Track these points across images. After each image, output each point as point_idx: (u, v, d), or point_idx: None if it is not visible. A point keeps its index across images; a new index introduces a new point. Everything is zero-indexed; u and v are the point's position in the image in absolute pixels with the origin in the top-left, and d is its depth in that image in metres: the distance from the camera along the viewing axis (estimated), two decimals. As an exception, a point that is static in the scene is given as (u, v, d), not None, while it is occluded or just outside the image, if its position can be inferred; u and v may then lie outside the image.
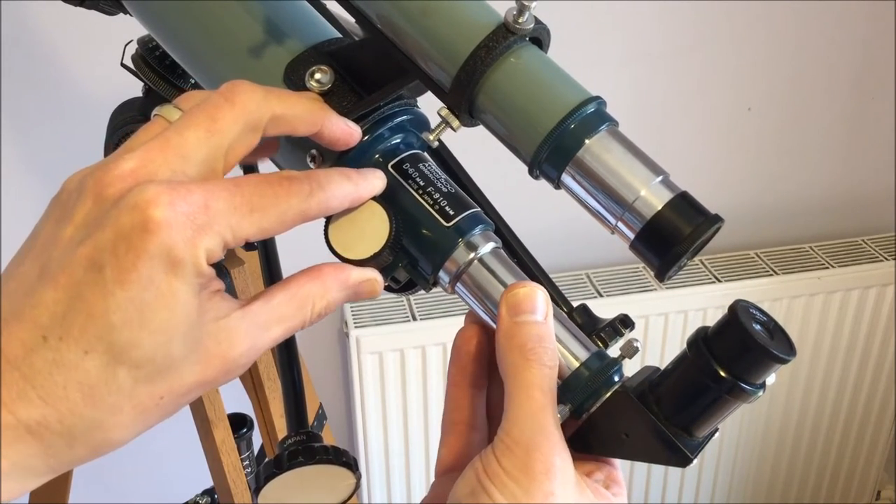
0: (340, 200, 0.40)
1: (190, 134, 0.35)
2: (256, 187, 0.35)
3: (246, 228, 0.35)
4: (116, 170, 0.34)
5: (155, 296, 0.32)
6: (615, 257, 1.43)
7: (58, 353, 0.32)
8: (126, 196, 0.33)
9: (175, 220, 0.32)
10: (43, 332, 0.32)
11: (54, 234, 0.34)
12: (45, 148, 1.15)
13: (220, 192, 0.34)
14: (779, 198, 1.53)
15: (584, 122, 0.41)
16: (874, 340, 1.52)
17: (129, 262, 0.32)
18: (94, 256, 0.32)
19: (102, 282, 0.32)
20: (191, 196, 0.33)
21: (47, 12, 1.07)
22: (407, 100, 0.47)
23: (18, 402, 0.31)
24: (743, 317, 0.38)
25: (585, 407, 0.41)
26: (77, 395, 0.32)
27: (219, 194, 0.34)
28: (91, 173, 0.34)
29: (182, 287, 0.33)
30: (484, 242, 0.44)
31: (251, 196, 0.35)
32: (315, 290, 0.38)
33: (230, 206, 0.34)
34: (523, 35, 0.42)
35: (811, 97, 1.45)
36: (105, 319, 0.32)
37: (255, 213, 0.35)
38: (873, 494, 1.72)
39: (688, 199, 0.40)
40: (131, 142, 0.36)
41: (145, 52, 0.69)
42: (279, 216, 0.36)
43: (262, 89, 0.38)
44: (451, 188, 0.45)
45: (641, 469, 1.55)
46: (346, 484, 0.53)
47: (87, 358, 0.32)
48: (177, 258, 0.32)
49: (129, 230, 0.32)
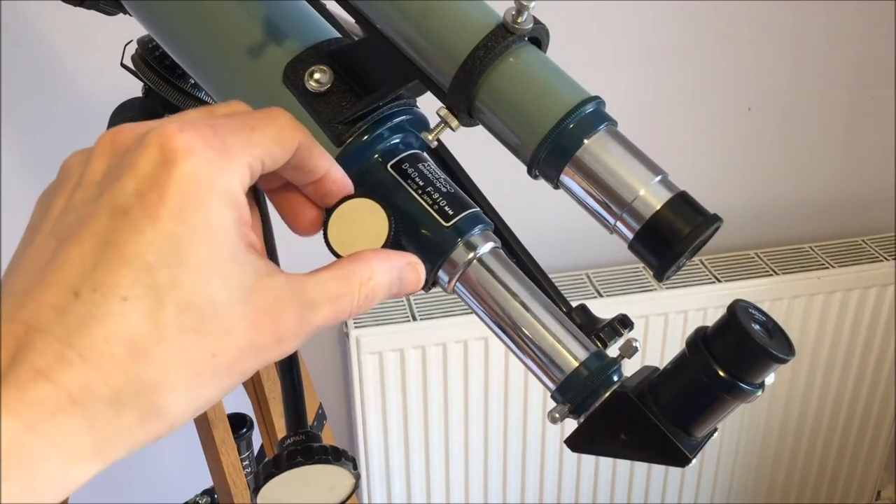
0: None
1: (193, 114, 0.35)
2: (247, 115, 0.35)
3: (253, 147, 0.33)
4: (121, 128, 0.32)
5: (189, 229, 0.30)
6: (615, 257, 1.43)
7: (93, 306, 0.28)
8: (139, 142, 0.31)
9: (192, 143, 0.30)
10: (73, 288, 0.29)
11: (67, 204, 0.32)
12: (44, 148, 1.15)
13: (222, 119, 0.33)
14: (779, 198, 1.53)
15: (583, 121, 0.41)
16: (874, 340, 1.52)
17: (155, 197, 0.30)
18: (116, 203, 0.30)
19: (131, 223, 0.29)
20: (200, 125, 0.32)
21: (47, 12, 1.07)
22: (406, 100, 0.47)
23: (56, 365, 0.28)
24: (742, 317, 0.38)
25: (584, 407, 0.41)
26: (120, 348, 0.28)
27: (222, 121, 0.33)
28: (97, 143, 0.33)
29: (217, 218, 0.31)
30: (483, 242, 0.44)
31: (250, 119, 0.34)
32: (361, 269, 0.36)
33: (235, 129, 0.33)
34: (522, 35, 0.42)
35: (811, 97, 1.45)
36: (139, 261, 0.29)
37: (256, 132, 0.34)
38: (873, 494, 1.72)
39: (687, 199, 0.40)
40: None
41: (145, 52, 0.69)
42: (277, 138, 0.35)
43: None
44: (450, 188, 0.45)
45: (641, 469, 1.55)
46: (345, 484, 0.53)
47: (126, 305, 0.29)
48: (206, 184, 0.30)
49: (150, 169, 0.30)
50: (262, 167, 0.34)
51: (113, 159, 0.32)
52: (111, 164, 0.31)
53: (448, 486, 1.47)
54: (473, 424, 1.42)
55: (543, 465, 1.49)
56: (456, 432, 1.42)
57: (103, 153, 0.32)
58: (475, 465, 1.47)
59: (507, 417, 1.43)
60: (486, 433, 1.44)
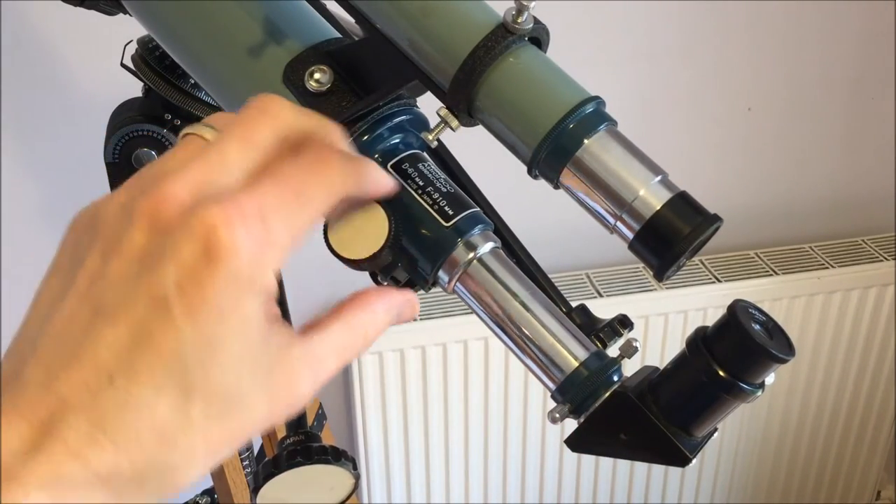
0: (374, 181, 0.38)
1: (229, 147, 0.34)
2: (296, 170, 0.34)
3: (299, 220, 0.33)
4: (165, 194, 0.31)
5: (227, 328, 0.30)
6: (615, 257, 1.43)
7: (128, 395, 0.30)
8: (182, 224, 0.31)
9: (238, 242, 0.30)
10: (108, 372, 0.30)
11: (102, 268, 0.31)
12: (44, 148, 1.15)
13: (267, 189, 0.32)
14: (779, 198, 1.53)
15: (583, 121, 0.41)
16: (874, 340, 1.52)
17: (197, 296, 0.30)
18: (157, 293, 0.30)
19: (170, 318, 0.30)
20: (246, 209, 0.31)
21: (47, 13, 1.07)
22: (406, 100, 0.47)
23: (89, 448, 0.29)
24: (742, 317, 0.38)
25: (585, 407, 0.41)
26: (150, 437, 0.30)
27: (267, 193, 0.32)
28: (134, 198, 0.32)
29: (253, 314, 0.31)
30: (483, 242, 0.44)
31: (295, 182, 0.33)
32: (367, 319, 0.37)
33: (280, 202, 0.32)
34: (522, 35, 0.42)
35: (811, 97, 1.45)
36: (176, 357, 0.30)
37: (303, 198, 0.33)
38: (873, 494, 1.72)
39: (687, 199, 0.40)
40: (168, 161, 0.34)
41: (145, 52, 0.69)
42: (327, 195, 0.34)
43: (294, 105, 0.37)
44: (450, 188, 0.45)
45: (641, 469, 1.55)
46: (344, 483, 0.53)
47: (158, 398, 0.30)
48: (247, 283, 0.31)
49: (194, 262, 0.30)
50: (306, 231, 0.34)
51: (154, 236, 0.31)
52: (152, 240, 0.31)
53: (448, 486, 1.47)
54: (473, 424, 1.42)
55: (543, 465, 1.49)
56: (456, 432, 1.42)
57: (145, 226, 0.31)
58: (475, 465, 1.47)
59: (507, 417, 1.43)
60: (486, 433, 1.44)
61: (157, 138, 0.73)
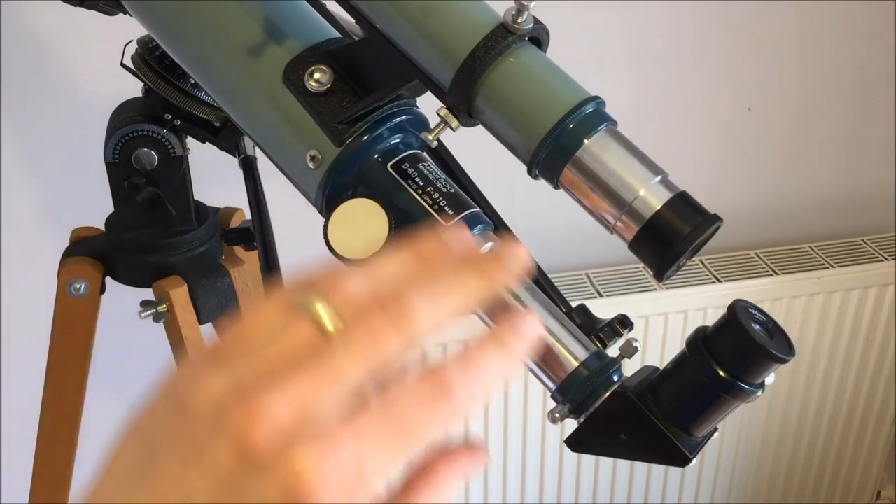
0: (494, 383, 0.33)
1: (349, 364, 0.30)
2: (412, 412, 0.30)
3: (397, 461, 0.30)
4: (264, 413, 0.29)
5: None
6: (615, 257, 1.43)
7: None
8: (273, 463, 0.28)
9: (328, 491, 0.28)
10: None
11: (179, 474, 0.29)
12: (44, 148, 1.15)
13: (374, 427, 0.30)
14: (779, 198, 1.53)
15: (583, 121, 0.41)
16: (874, 340, 1.52)
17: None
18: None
19: None
20: (343, 455, 0.29)
21: (47, 12, 1.07)
22: (406, 100, 0.47)
23: None
24: (742, 317, 0.38)
25: (585, 407, 0.41)
26: None
27: (372, 433, 0.30)
28: (232, 402, 0.29)
29: None
30: (483, 242, 0.44)
31: (405, 420, 0.30)
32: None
33: (384, 444, 0.30)
34: (522, 35, 0.42)
35: (811, 97, 1.45)
36: None
37: (408, 438, 0.30)
38: (873, 494, 1.72)
39: (687, 199, 0.40)
40: (276, 346, 0.31)
41: (145, 52, 0.69)
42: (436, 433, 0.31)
43: (436, 301, 0.33)
44: (450, 188, 0.45)
45: (641, 469, 1.55)
46: None
47: None
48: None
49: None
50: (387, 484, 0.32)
51: (241, 463, 0.29)
52: (237, 468, 0.29)
53: (448, 486, 1.47)
54: (473, 424, 1.42)
55: (543, 465, 1.49)
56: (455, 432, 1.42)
57: (234, 446, 0.29)
58: (475, 465, 1.46)
59: (507, 417, 1.43)
60: (486, 433, 1.44)
61: (157, 138, 0.73)
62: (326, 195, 0.47)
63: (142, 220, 0.76)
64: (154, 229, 0.77)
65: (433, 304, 0.32)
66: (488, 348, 0.33)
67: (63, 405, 0.84)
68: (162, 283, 0.75)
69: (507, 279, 0.35)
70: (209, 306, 0.76)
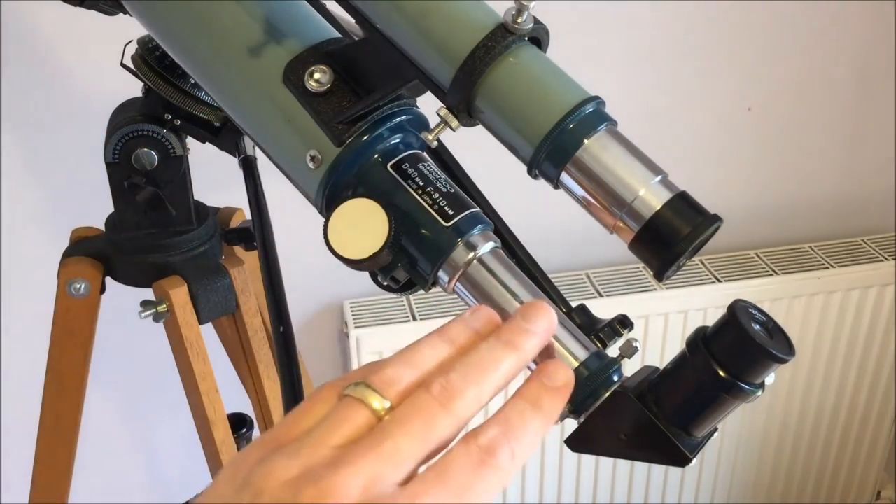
0: (534, 442, 0.36)
1: (405, 443, 0.33)
2: (463, 477, 0.33)
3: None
4: (336, 490, 0.31)
5: None
6: (615, 257, 1.43)
7: None
8: None
9: None
10: None
11: None
12: (44, 148, 1.15)
13: (429, 497, 0.32)
14: (779, 198, 1.53)
15: (583, 121, 0.41)
16: (874, 340, 1.52)
17: None
18: None
19: None
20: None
21: (47, 12, 1.07)
22: (406, 100, 0.47)
23: None
24: (742, 317, 0.38)
25: (585, 406, 0.41)
26: None
27: (428, 500, 0.32)
28: (306, 482, 0.31)
29: None
30: (483, 242, 0.44)
31: (459, 486, 0.32)
32: None
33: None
34: (522, 35, 0.42)
35: (811, 97, 1.45)
36: None
37: (463, 499, 0.32)
38: (873, 494, 1.72)
39: (687, 199, 0.40)
40: (335, 433, 0.33)
41: (145, 52, 0.69)
42: (485, 499, 0.33)
43: (475, 380, 0.35)
44: (450, 188, 0.45)
45: (641, 469, 1.55)
46: None
47: None
48: None
49: None
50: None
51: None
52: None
53: (448, 486, 1.47)
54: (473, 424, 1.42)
55: (543, 465, 1.49)
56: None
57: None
58: (475, 465, 1.46)
59: (507, 417, 1.43)
60: (486, 433, 1.44)
61: (157, 138, 0.73)
62: (326, 195, 0.47)
63: (142, 220, 0.76)
64: (154, 229, 0.77)
65: (473, 383, 0.35)
66: (524, 411, 0.35)
67: (63, 405, 0.84)
68: (162, 283, 0.75)
69: (536, 346, 0.37)
70: (209, 306, 0.76)
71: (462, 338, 0.37)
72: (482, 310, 0.38)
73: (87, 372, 0.83)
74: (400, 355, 0.36)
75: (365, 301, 1.35)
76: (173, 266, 0.76)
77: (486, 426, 0.35)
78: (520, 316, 0.37)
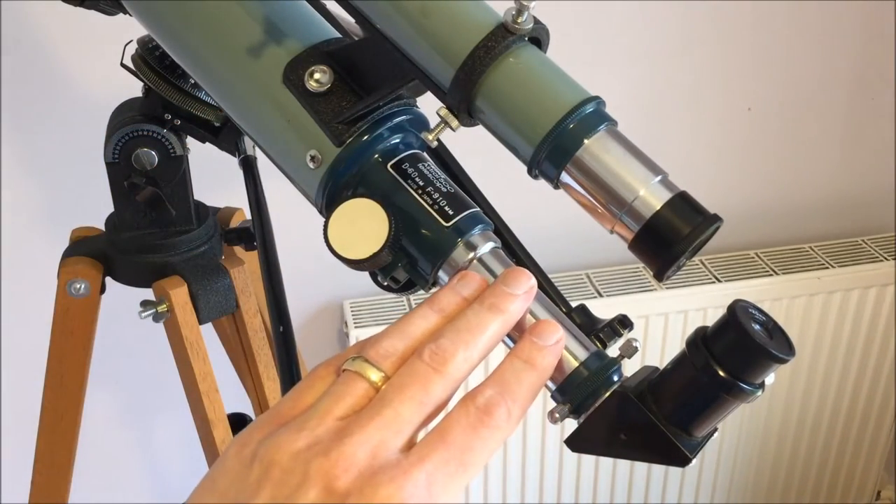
0: (529, 397, 0.38)
1: (404, 408, 0.35)
2: (463, 437, 0.35)
3: (462, 481, 0.34)
4: (346, 460, 0.33)
5: None
6: (615, 257, 1.43)
7: None
8: (358, 494, 0.32)
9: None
10: None
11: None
12: (44, 148, 1.15)
13: (436, 456, 0.34)
14: (779, 198, 1.53)
15: (583, 121, 0.41)
16: (874, 340, 1.52)
17: None
18: None
19: None
20: (417, 480, 0.32)
21: (47, 12, 1.07)
22: (406, 100, 0.47)
23: None
24: (742, 317, 0.38)
25: (585, 406, 0.41)
26: None
27: (435, 460, 0.33)
28: (315, 454, 0.33)
29: None
30: (483, 242, 0.44)
31: (461, 447, 0.34)
32: None
33: (447, 466, 0.34)
34: (522, 35, 0.42)
35: (811, 97, 1.45)
36: None
37: (468, 460, 0.34)
38: (873, 494, 1.72)
39: (687, 199, 0.40)
40: (337, 405, 0.35)
41: (145, 52, 0.69)
42: (491, 453, 0.35)
43: (464, 342, 0.37)
44: (450, 188, 0.45)
45: (641, 469, 1.55)
46: None
47: None
48: None
49: None
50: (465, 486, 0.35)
51: (330, 500, 0.32)
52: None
53: (448, 486, 1.47)
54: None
55: (543, 465, 1.49)
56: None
57: (321, 488, 0.32)
58: (475, 465, 1.46)
59: (507, 417, 1.43)
60: (486, 433, 1.44)
61: (157, 138, 0.73)
62: (326, 195, 0.47)
63: (142, 220, 0.76)
64: (154, 229, 0.77)
65: (462, 346, 0.37)
66: (519, 370, 0.38)
67: (63, 405, 0.84)
68: (162, 283, 0.75)
69: (520, 307, 0.39)
70: (209, 306, 0.77)
71: (452, 306, 0.39)
72: (469, 275, 0.40)
73: (87, 372, 0.83)
74: (393, 328, 0.38)
75: (365, 301, 1.35)
76: (173, 266, 0.76)
77: (483, 387, 0.37)
78: (500, 281, 0.40)
